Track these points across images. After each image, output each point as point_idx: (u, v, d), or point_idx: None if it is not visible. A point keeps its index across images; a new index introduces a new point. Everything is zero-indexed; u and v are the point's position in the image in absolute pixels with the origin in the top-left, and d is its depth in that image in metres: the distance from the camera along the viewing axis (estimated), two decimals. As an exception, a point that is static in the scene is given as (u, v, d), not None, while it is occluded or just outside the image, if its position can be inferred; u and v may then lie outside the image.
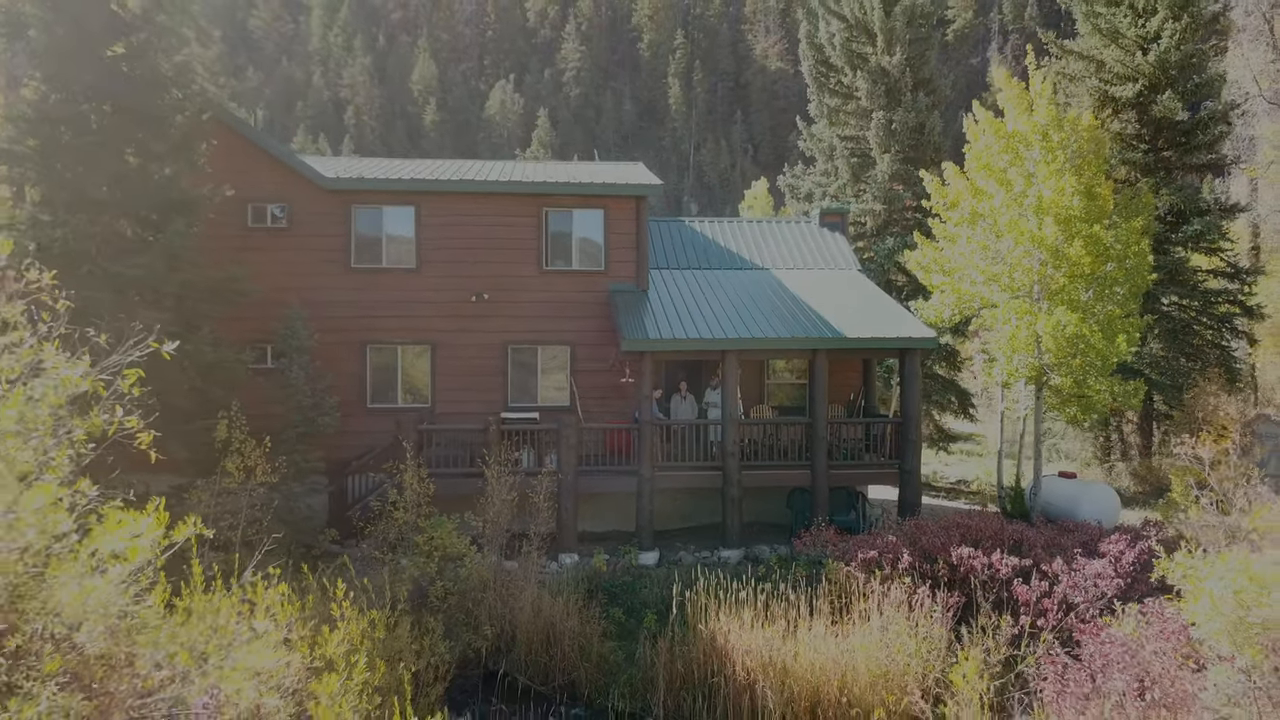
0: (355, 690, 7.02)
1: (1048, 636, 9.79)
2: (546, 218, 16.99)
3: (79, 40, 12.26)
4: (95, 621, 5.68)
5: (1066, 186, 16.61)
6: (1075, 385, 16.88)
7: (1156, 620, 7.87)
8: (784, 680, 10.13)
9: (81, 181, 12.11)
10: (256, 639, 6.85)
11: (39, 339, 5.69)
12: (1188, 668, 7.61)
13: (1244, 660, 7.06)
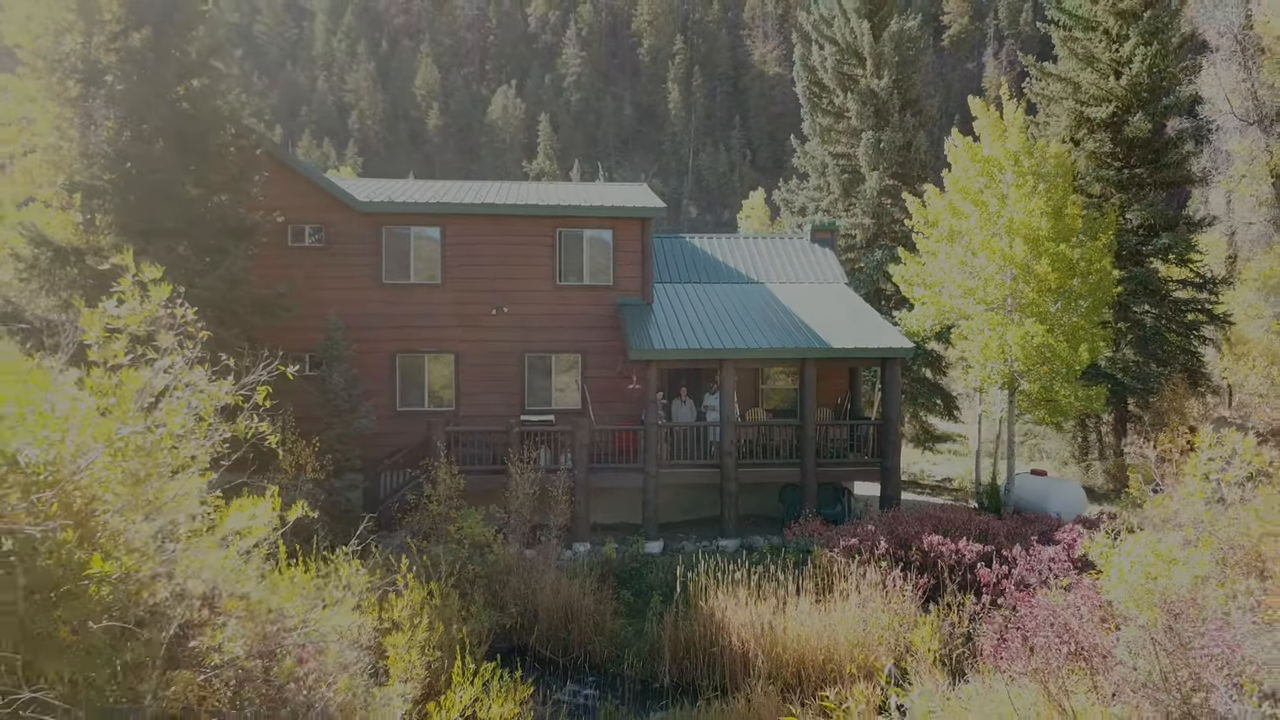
0: (418, 645, 8.60)
1: (1005, 610, 11.37)
2: (560, 237, 18.58)
3: (150, 85, 13.84)
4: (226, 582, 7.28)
5: (1035, 208, 18.19)
6: (1043, 390, 18.49)
7: (1078, 590, 9.47)
8: (774, 649, 11.70)
9: (153, 212, 13.69)
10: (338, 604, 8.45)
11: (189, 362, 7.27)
12: (1103, 628, 9.20)
13: (1144, 619, 8.66)
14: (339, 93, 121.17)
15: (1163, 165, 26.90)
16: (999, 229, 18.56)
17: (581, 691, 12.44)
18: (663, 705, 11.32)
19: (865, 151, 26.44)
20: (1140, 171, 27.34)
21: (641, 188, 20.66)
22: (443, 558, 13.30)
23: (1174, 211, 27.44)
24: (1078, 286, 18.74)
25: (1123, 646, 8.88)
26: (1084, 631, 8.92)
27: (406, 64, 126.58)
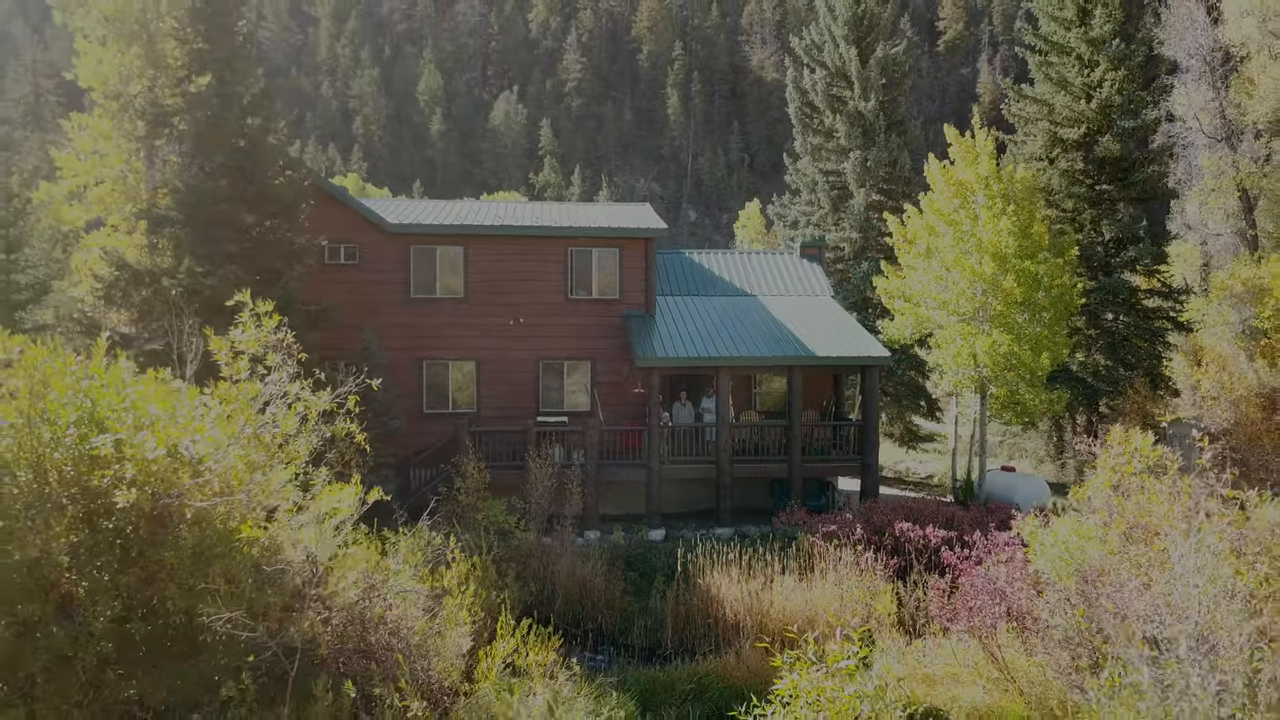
0: (466, 606, 10.48)
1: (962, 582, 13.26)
2: (571, 255, 20.49)
3: (215, 127, 15.73)
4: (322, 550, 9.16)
5: (1004, 228, 20.10)
6: (1010, 394, 20.41)
7: (1011, 563, 11.38)
8: (762, 618, 13.59)
9: (215, 238, 15.58)
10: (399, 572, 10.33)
11: (291, 376, 9.17)
12: (1032, 593, 11.11)
13: (1062, 585, 10.56)
14: (343, 98, 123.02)
15: (1130, 183, 28.85)
16: (970, 247, 20.47)
17: (595, 657, 14.33)
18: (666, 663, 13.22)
19: (853, 169, 28.36)
20: (1110, 188, 29.28)
21: (644, 209, 22.57)
22: (471, 542, 15.19)
23: (1143, 225, 29.38)
24: (1041, 300, 20.64)
25: (1046, 608, 10.78)
26: (1015, 596, 10.83)
27: (409, 69, 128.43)
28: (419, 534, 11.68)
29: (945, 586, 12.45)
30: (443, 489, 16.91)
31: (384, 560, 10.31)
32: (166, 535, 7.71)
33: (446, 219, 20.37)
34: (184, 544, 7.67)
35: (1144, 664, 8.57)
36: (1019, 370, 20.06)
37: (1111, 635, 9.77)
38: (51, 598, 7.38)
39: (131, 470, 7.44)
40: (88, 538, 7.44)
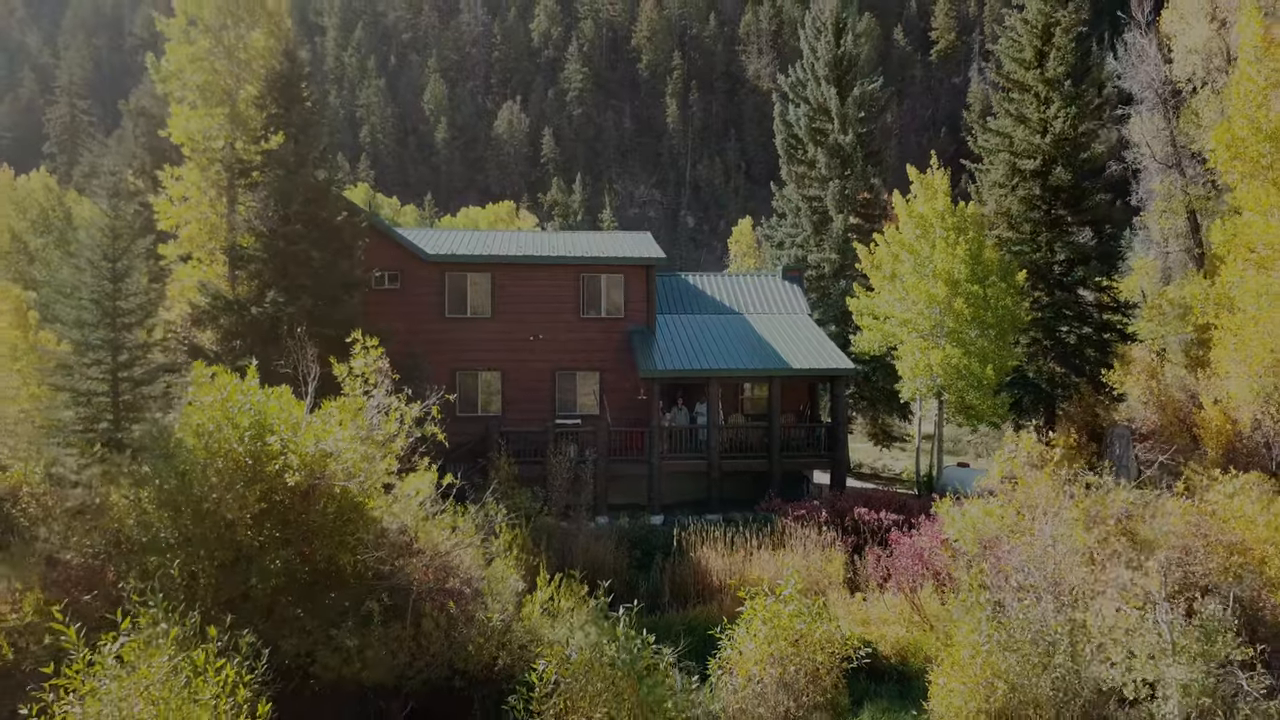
0: (512, 565, 13.75)
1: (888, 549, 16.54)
2: (583, 280, 23.78)
3: (289, 181, 19.01)
4: (410, 520, 12.44)
5: (958, 255, 23.38)
6: (960, 400, 23.69)
7: (930, 533, 14.66)
8: (740, 581, 16.83)
9: (290, 272, 18.86)
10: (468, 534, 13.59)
11: (387, 391, 12.46)
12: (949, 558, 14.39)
13: (968, 551, 13.85)
14: (350, 107, 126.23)
15: (1082, 209, 32.12)
16: (927, 272, 23.76)
17: (608, 614, 17.59)
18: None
19: (833, 197, 31.65)
20: (1063, 213, 32.50)
21: (645, 238, 25.86)
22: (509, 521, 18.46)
23: (1093, 247, 32.63)
24: (988, 318, 23.91)
25: (957, 563, 14.08)
26: (933, 559, 14.11)
27: (414, 78, 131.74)
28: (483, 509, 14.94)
29: (882, 555, 15.73)
30: (478, 479, 20.18)
31: (454, 531, 13.61)
32: (313, 506, 11.03)
33: (476, 249, 23.67)
34: (328, 512, 10.99)
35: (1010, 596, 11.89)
36: (968, 379, 23.34)
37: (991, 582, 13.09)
38: (240, 548, 10.71)
39: (296, 460, 10.75)
40: (265, 508, 10.74)
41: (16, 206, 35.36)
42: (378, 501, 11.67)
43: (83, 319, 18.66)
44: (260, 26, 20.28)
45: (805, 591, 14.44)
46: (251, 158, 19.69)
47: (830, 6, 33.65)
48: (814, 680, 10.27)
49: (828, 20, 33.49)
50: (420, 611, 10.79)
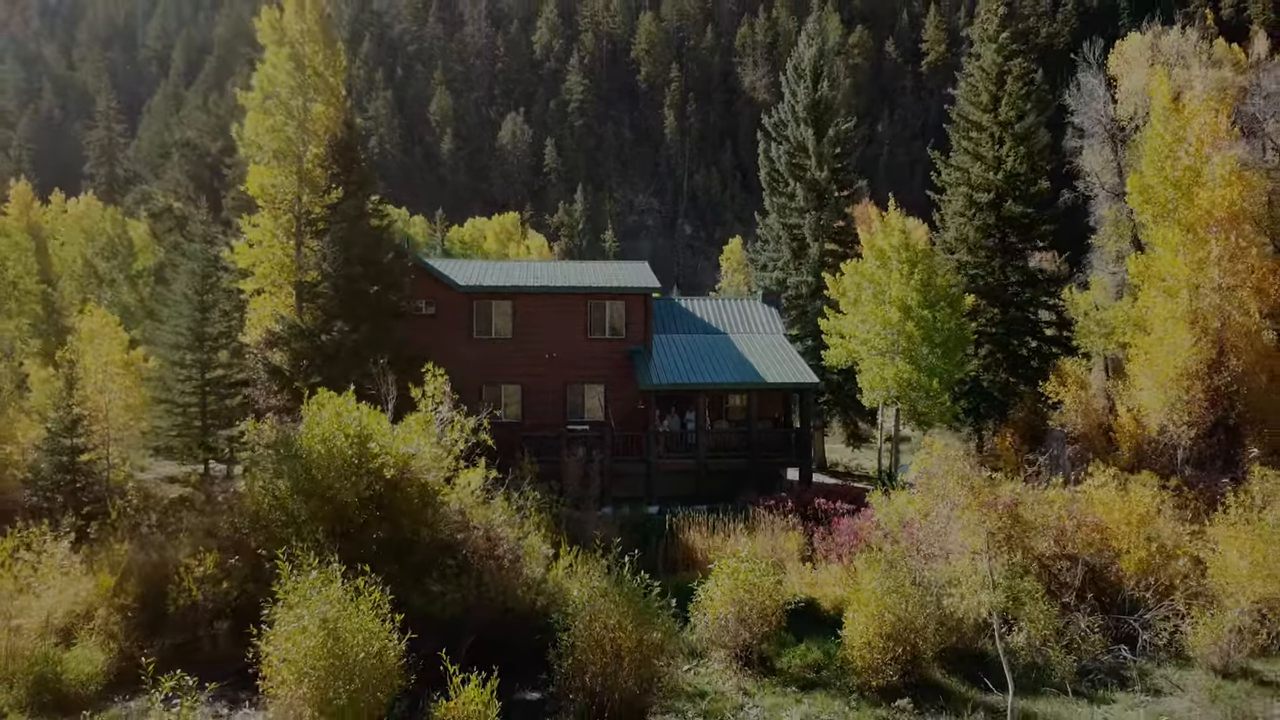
0: (540, 540, 17.86)
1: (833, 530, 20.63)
2: (590, 306, 27.91)
3: (350, 229, 23.14)
4: (468, 502, 16.59)
5: (913, 284, 27.48)
6: (911, 407, 27.82)
7: (866, 517, 18.80)
8: (719, 556, 20.95)
9: (355, 307, 22.98)
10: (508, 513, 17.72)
11: (450, 407, 16.60)
12: (880, 537, 18.51)
13: (892, 530, 17.99)
14: (359, 117, 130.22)
15: (1031, 236, 36.28)
16: (885, 299, 27.90)
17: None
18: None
19: (809, 227, 35.77)
20: (1015, 240, 36.66)
21: (644, 268, 29.98)
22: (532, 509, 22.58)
23: (1040, 271, 36.76)
24: (936, 338, 28.03)
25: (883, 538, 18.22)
26: (866, 536, 18.23)
27: (421, 89, 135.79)
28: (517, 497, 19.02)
29: (828, 534, 19.88)
30: (506, 475, 24.31)
31: (496, 513, 17.72)
32: (401, 493, 15.16)
33: (500, 281, 27.82)
34: (411, 498, 15.12)
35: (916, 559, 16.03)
36: (918, 390, 27.48)
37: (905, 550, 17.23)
38: (351, 523, 14.82)
39: (390, 460, 14.88)
40: (368, 494, 14.86)
41: (86, 234, 39.44)
42: (444, 490, 15.81)
43: (178, 343, 22.92)
44: (323, 100, 24.43)
45: (769, 562, 18.59)
46: (316, 209, 23.83)
47: (809, 55, 37.79)
48: (763, 617, 14.41)
49: (806, 68, 37.62)
50: (480, 569, 14.92)
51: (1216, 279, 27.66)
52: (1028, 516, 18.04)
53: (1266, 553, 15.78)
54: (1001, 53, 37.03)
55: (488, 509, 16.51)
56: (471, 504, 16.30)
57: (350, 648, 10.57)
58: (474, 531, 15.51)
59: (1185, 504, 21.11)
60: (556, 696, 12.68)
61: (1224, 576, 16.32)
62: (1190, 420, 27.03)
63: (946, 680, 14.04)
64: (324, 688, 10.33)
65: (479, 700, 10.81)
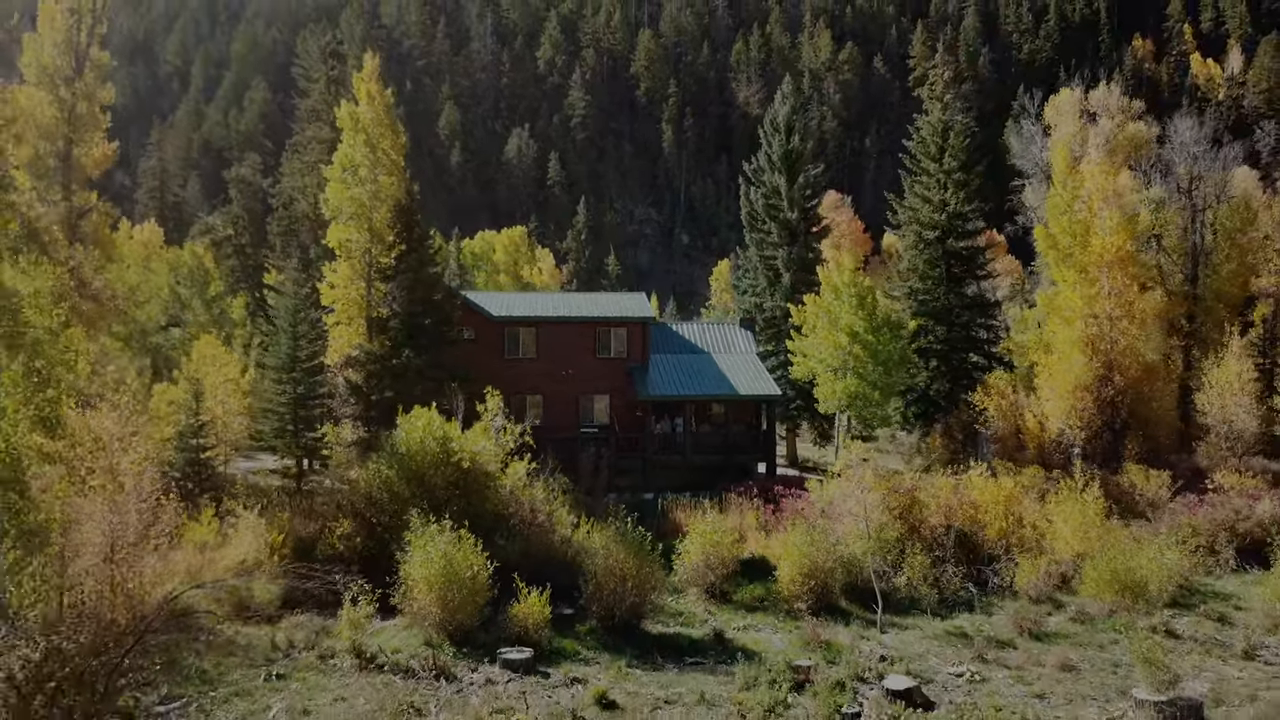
0: (566, 512, 24.42)
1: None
2: (598, 331, 34.46)
3: (414, 276, 29.69)
4: (517, 485, 23.24)
5: (856, 317, 34.03)
6: (858, 414, 34.40)
7: (804, 496, 25.37)
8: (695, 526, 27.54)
9: (418, 337, 29.52)
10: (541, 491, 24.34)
11: (504, 417, 23.21)
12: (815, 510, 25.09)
13: (823, 507, 24.57)
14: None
15: (971, 268, 42.86)
16: (837, 327, 34.46)
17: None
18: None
19: (782, 260, 42.33)
20: (957, 271, 43.21)
21: (641, 299, 36.57)
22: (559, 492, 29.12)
23: (978, 296, 43.34)
24: (879, 358, 34.56)
25: (819, 518, 24.80)
26: (806, 512, 24.78)
27: (430, 104, 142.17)
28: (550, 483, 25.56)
29: (777, 511, 26.48)
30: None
31: (536, 492, 24.22)
32: (471, 478, 21.78)
33: (526, 311, 34.42)
34: (479, 482, 21.75)
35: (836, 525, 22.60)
36: (863, 401, 34.05)
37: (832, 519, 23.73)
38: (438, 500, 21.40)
39: (465, 454, 21.50)
40: (450, 480, 21.44)
41: (169, 265, 45.94)
42: (500, 476, 22.38)
43: (279, 365, 29.50)
44: (388, 173, 31.00)
45: (733, 530, 25.14)
46: (383, 259, 30.39)
47: (783, 113, 44.37)
48: (723, 565, 21.01)
49: (781, 123, 44.19)
50: (526, 531, 21.48)
51: (1106, 310, 34.30)
52: (922, 498, 24.65)
53: (1080, 522, 22.35)
54: (946, 111, 43.65)
55: (530, 490, 23.07)
56: (519, 486, 22.86)
57: (459, 570, 17.10)
58: (521, 505, 22.08)
59: (1056, 489, 27.69)
60: (584, 609, 19.13)
61: (1055, 538, 22.90)
62: (1082, 424, 33.71)
63: (847, 605, 20.57)
64: (444, 595, 16.84)
65: (539, 604, 17.33)
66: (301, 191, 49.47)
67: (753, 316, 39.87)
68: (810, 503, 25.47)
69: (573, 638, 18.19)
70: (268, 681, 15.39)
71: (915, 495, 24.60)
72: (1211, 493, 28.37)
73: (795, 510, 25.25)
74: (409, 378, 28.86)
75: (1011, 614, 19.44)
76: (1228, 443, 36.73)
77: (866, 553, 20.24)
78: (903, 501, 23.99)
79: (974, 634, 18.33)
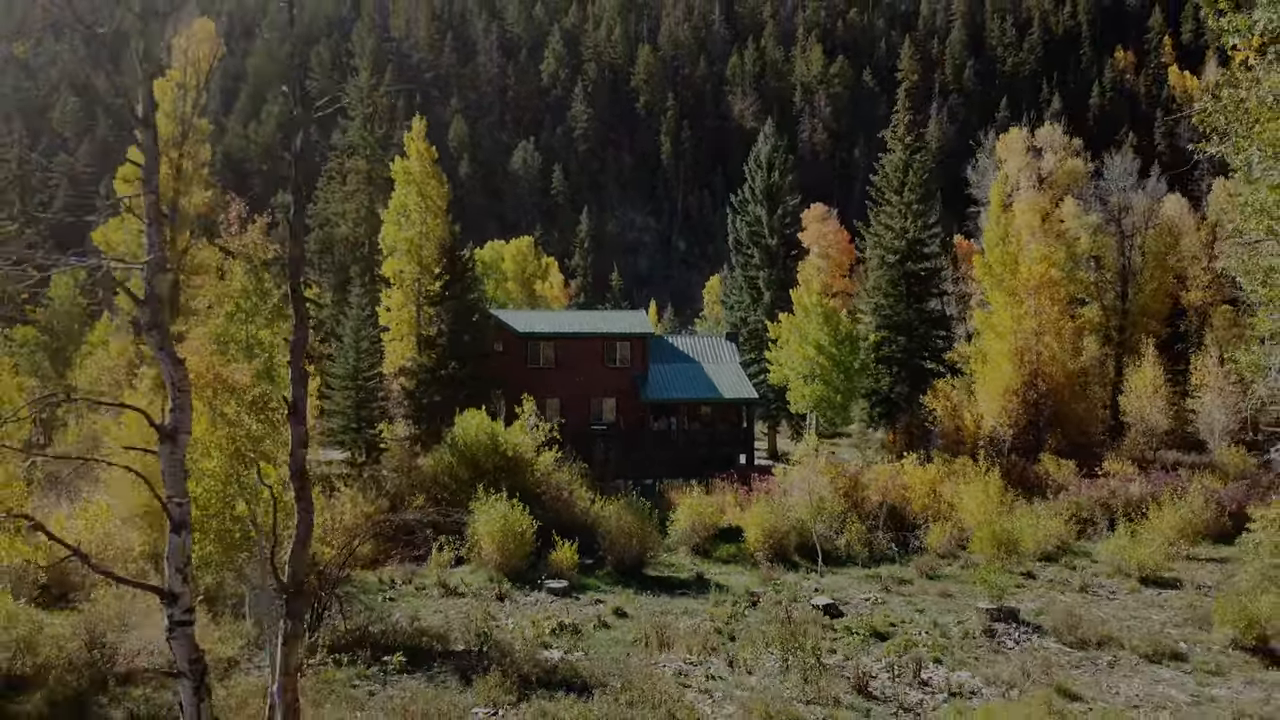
0: (584, 491, 31.15)
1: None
2: (606, 344, 41.18)
3: (458, 304, 36.39)
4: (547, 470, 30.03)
5: (821, 332, 40.79)
6: (822, 414, 41.14)
7: (771, 479, 32.11)
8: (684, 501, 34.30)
9: (456, 352, 36.23)
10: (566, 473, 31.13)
11: (536, 418, 29.99)
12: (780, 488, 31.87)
13: (784, 486, 31.33)
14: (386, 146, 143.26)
15: (927, 287, 49.63)
16: (806, 341, 41.21)
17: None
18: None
19: (764, 281, 49.06)
20: (917, 289, 49.95)
21: (643, 316, 43.31)
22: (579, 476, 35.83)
23: (933, 311, 50.08)
24: (841, 367, 41.30)
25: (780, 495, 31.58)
26: (772, 491, 31.50)
27: (439, 116, 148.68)
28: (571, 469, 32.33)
29: (751, 490, 33.22)
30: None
31: (562, 476, 30.97)
32: (514, 463, 28.60)
33: (546, 328, 41.16)
34: (519, 466, 28.59)
35: (787, 498, 29.39)
36: (827, 403, 40.79)
37: (791, 494, 30.51)
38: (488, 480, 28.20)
39: (509, 447, 28.33)
40: (498, 464, 28.24)
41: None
42: (536, 462, 29.12)
43: (345, 374, 36.23)
44: (434, 216, 37.71)
45: (715, 504, 31.85)
46: (430, 287, 37.10)
47: (765, 151, 51.13)
48: (705, 530, 27.78)
49: (763, 160, 50.96)
50: (555, 505, 28.20)
51: (1031, 327, 41.08)
52: (864, 480, 31.40)
53: (982, 498, 29.08)
54: (906, 150, 50.38)
55: (558, 473, 29.79)
56: (549, 470, 29.58)
57: (513, 527, 23.80)
58: (551, 484, 28.82)
59: (966, 473, 34.35)
60: (601, 559, 25.79)
61: (963, 510, 29.63)
62: (1011, 422, 40.49)
63: (799, 559, 27.25)
64: (503, 545, 23.53)
65: (570, 552, 24.04)
66: (342, 216, 56.37)
67: (738, 329, 46.63)
68: (775, 484, 32.22)
69: (594, 578, 24.89)
70: (384, 602, 22.07)
71: (858, 478, 31.35)
72: (1102, 477, 35.12)
73: (763, 490, 31.98)
74: (453, 385, 35.59)
75: (917, 564, 26.18)
76: (1144, 438, 43.69)
77: (812, 519, 26.97)
78: (847, 483, 30.72)
79: (886, 577, 25.02)
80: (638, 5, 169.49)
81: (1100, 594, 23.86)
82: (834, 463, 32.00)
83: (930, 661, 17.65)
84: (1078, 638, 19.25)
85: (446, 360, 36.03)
